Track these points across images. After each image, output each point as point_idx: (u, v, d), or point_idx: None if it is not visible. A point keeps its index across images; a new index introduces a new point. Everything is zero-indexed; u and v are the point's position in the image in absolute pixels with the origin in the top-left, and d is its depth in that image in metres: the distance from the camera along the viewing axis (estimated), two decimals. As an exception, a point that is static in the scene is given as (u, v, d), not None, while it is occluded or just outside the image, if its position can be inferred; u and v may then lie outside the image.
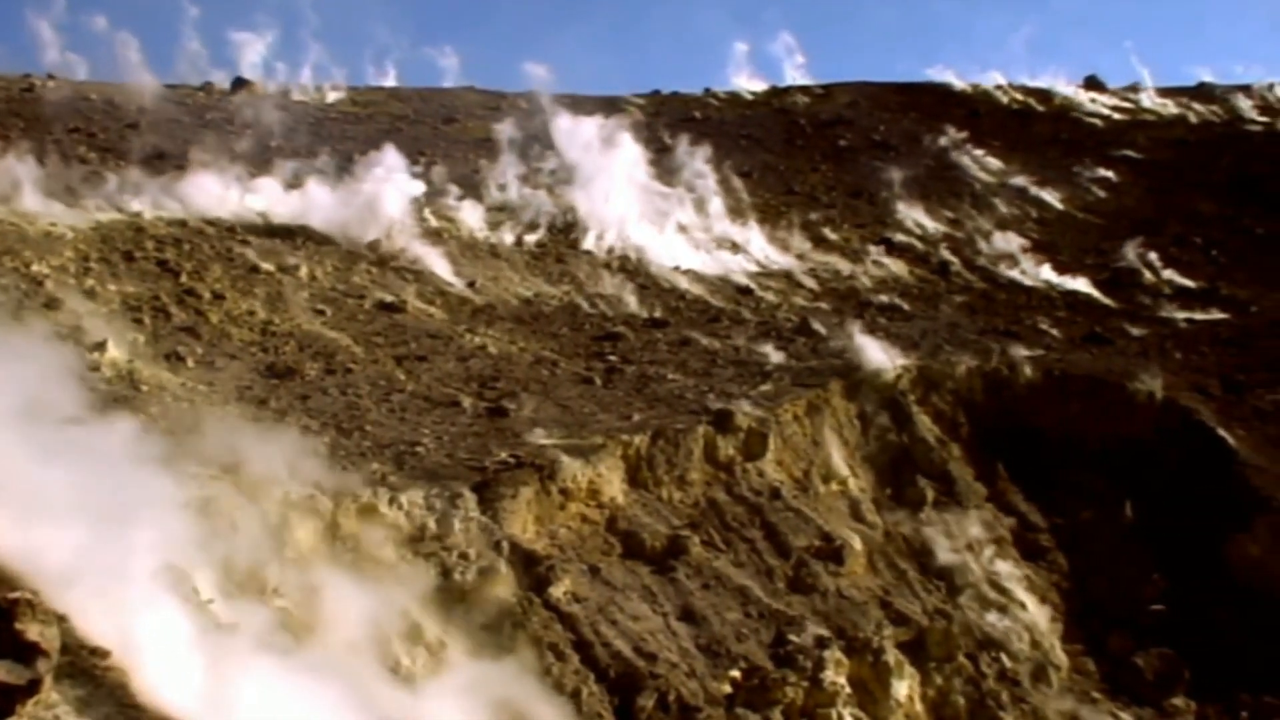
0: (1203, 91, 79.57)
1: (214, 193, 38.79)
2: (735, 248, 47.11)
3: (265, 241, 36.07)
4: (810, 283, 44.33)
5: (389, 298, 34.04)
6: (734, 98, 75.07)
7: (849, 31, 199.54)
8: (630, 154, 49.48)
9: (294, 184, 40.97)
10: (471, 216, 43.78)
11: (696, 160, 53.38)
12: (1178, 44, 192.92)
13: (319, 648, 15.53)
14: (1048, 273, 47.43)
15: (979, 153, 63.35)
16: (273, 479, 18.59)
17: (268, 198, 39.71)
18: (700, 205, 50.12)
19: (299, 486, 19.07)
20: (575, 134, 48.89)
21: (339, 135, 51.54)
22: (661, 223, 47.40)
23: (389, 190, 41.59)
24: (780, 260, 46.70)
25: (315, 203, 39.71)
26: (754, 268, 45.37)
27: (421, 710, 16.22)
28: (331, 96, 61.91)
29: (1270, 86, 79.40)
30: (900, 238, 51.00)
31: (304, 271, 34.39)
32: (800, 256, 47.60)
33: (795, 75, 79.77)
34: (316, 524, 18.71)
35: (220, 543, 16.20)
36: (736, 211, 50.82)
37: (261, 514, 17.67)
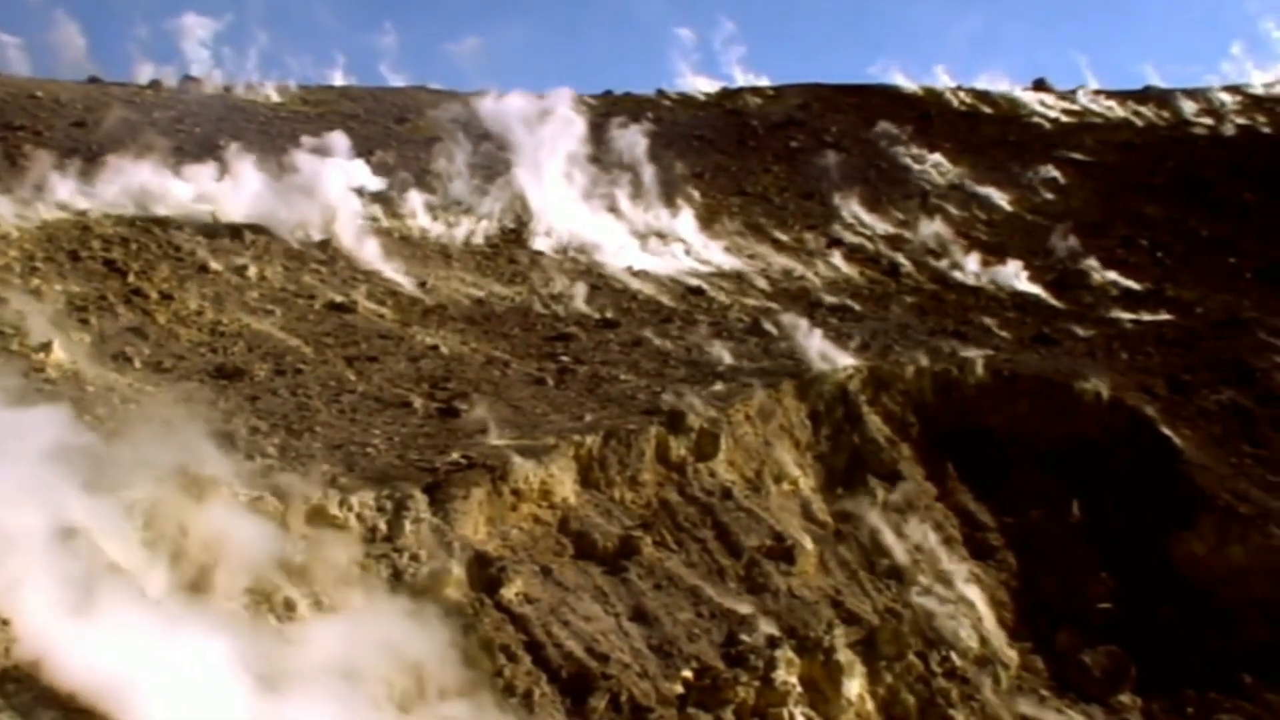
0: (1149, 94, 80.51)
1: (162, 192, 38.41)
2: (687, 248, 47.18)
3: (214, 241, 35.76)
4: (762, 283, 44.45)
5: (339, 298, 33.84)
6: (686, 98, 75.20)
7: (791, 24, 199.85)
8: (582, 156, 49.47)
9: (243, 184, 40.62)
10: (423, 216, 43.65)
11: (648, 161, 53.41)
12: (1117, 39, 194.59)
13: (267, 647, 15.37)
14: (996, 274, 47.79)
15: (929, 155, 63.79)
16: (221, 481, 18.43)
17: (217, 197, 39.34)
18: (652, 206, 50.16)
19: (247, 489, 18.93)
20: (526, 133, 48.81)
21: (289, 134, 51.17)
22: (613, 223, 47.44)
23: (338, 188, 41.38)
24: (732, 261, 46.82)
25: (265, 203, 39.39)
26: (706, 268, 45.45)
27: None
28: (282, 95, 61.43)
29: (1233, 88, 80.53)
30: (851, 239, 51.29)
31: (253, 271, 34.14)
32: (752, 257, 47.76)
33: (738, 71, 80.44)
34: (266, 526, 18.56)
35: (167, 545, 16.07)
36: (688, 212, 50.88)
37: (210, 517, 17.51)
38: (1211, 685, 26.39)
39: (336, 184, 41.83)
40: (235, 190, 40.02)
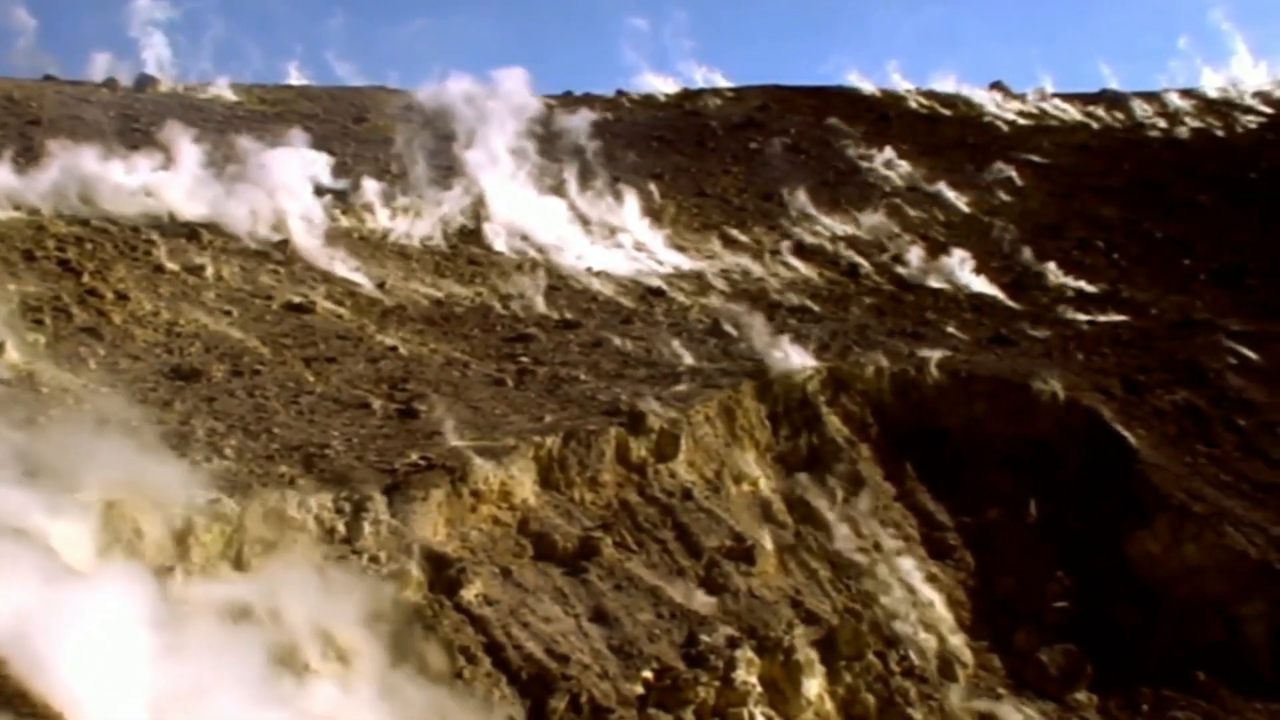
0: (1104, 97, 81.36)
1: (117, 191, 38.05)
2: (646, 249, 47.23)
3: (170, 241, 35.46)
4: (721, 284, 44.54)
5: (297, 298, 33.64)
6: (646, 99, 75.40)
7: (743, 19, 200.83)
8: (542, 156, 49.47)
9: (201, 184, 40.31)
10: (382, 216, 43.46)
11: (608, 161, 53.44)
12: (1070, 33, 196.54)
13: (228, 651, 15.28)
14: (954, 275, 48.11)
15: (888, 156, 64.12)
16: (178, 482, 18.30)
17: (173, 197, 39.02)
18: (612, 206, 50.18)
19: (204, 490, 18.80)
20: (485, 132, 48.73)
21: (247, 134, 50.83)
22: (573, 223, 47.43)
23: (297, 188, 41.16)
24: (691, 261, 46.91)
25: (222, 202, 39.11)
26: (665, 269, 45.52)
27: (332, 715, 16.07)
28: (239, 95, 61.06)
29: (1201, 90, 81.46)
30: (810, 240, 51.49)
31: (210, 271, 33.88)
32: (711, 258, 47.86)
33: (695, 68, 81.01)
34: (223, 528, 18.45)
35: (123, 549, 15.95)
36: (648, 213, 50.94)
37: (166, 518, 17.39)
38: (1166, 683, 26.64)
39: (295, 184, 41.58)
40: (192, 190, 39.72)
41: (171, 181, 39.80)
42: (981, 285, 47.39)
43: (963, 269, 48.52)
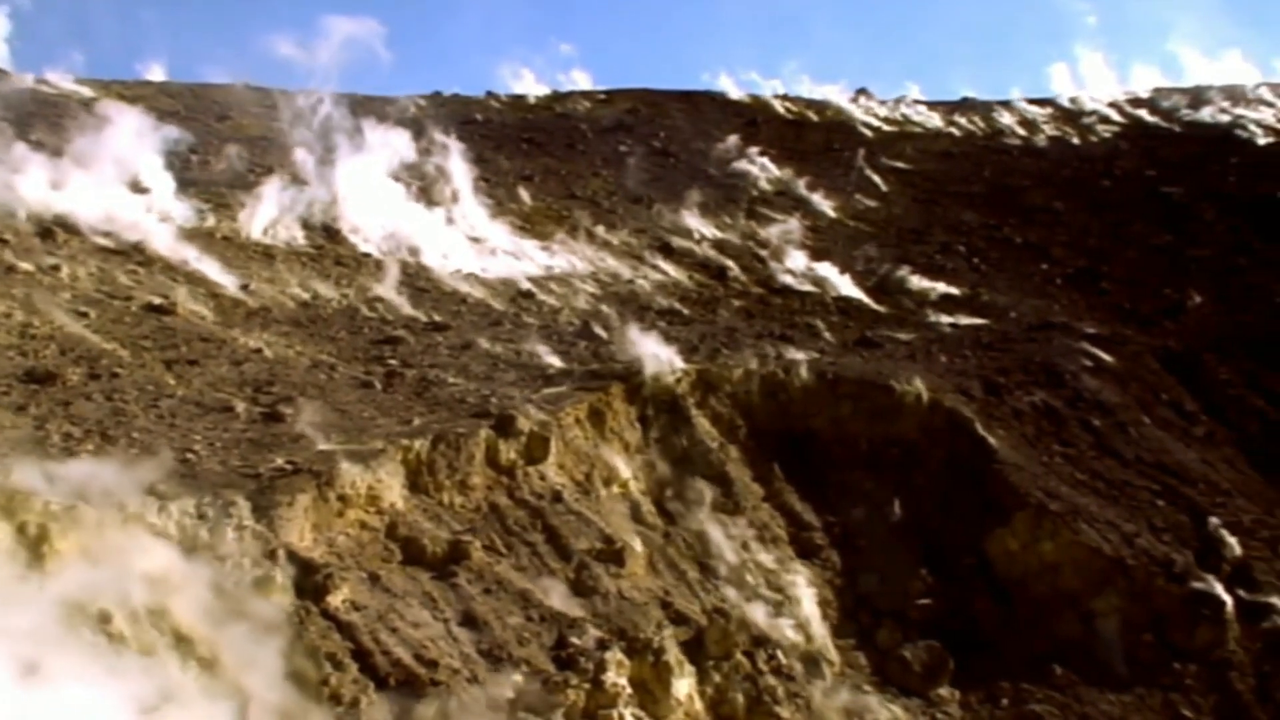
0: (966, 105, 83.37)
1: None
2: (516, 251, 47.08)
3: (23, 240, 34.34)
4: (591, 287, 44.58)
5: (157, 299, 32.77)
6: (515, 101, 75.27)
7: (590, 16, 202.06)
8: (410, 155, 49.05)
9: (55, 180, 39.09)
10: (245, 216, 42.60)
11: (478, 162, 53.18)
12: (921, 27, 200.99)
13: (83, 664, 14.85)
14: (821, 278, 48.83)
15: (756, 161, 64.87)
16: (31, 489, 17.73)
17: (26, 195, 37.78)
18: (481, 208, 49.95)
19: (60, 496, 18.24)
20: (354, 134, 48.21)
21: (105, 130, 49.51)
22: (442, 225, 47.08)
23: (156, 185, 40.26)
24: (561, 264, 46.86)
25: (77, 201, 37.96)
26: (535, 271, 45.41)
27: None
28: (96, 90, 59.43)
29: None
30: (679, 243, 51.81)
31: (65, 272, 32.86)
32: (582, 260, 47.86)
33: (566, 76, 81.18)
34: (80, 536, 17.92)
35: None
36: (518, 215, 50.81)
37: (18, 526, 16.84)
38: (1025, 677, 27.39)
39: (155, 182, 40.65)
40: (46, 188, 38.50)
41: (23, 179, 38.51)
42: (847, 289, 48.18)
43: (829, 273, 49.28)
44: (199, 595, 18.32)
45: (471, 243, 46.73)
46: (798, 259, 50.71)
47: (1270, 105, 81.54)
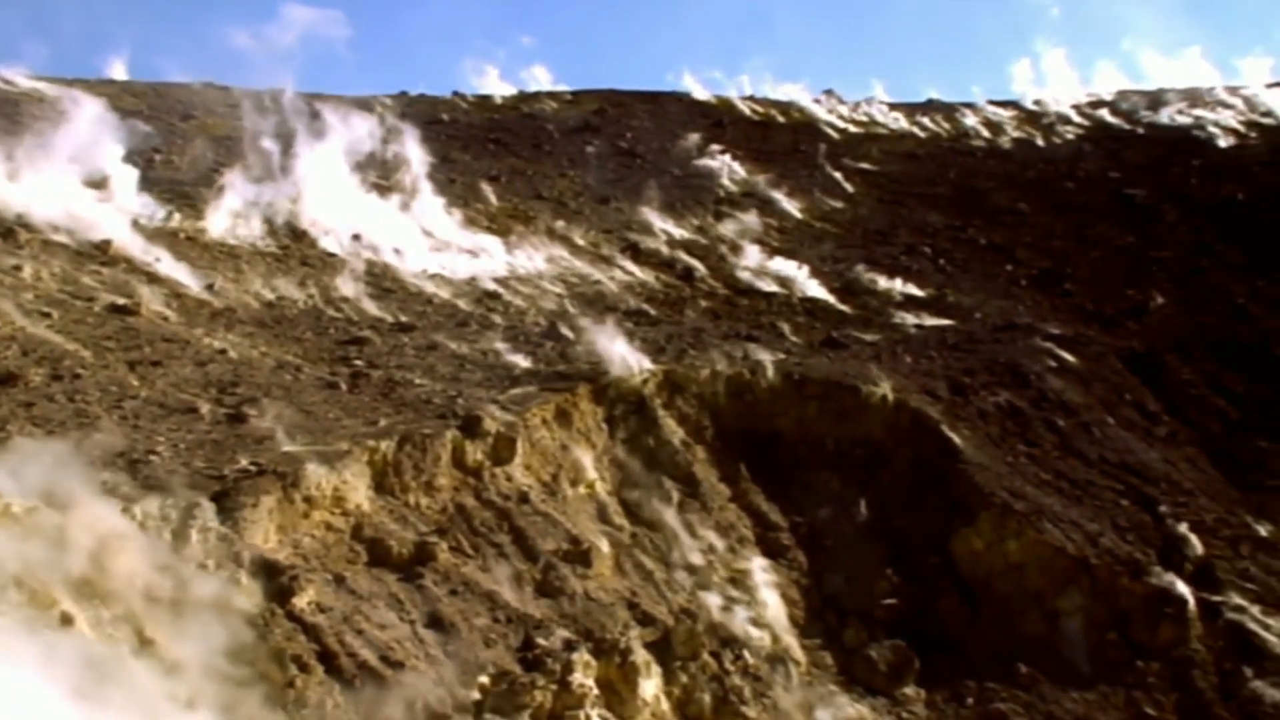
0: (932, 107, 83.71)
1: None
2: (482, 252, 46.97)
3: (-16, 240, 34.05)
4: (558, 288, 44.55)
5: (121, 300, 32.50)
6: (482, 101, 75.11)
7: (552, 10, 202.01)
8: (376, 156, 48.89)
9: (17, 180, 38.70)
10: (210, 216, 42.31)
11: (444, 163, 53.04)
12: (894, 33, 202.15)
13: (48, 664, 14.72)
14: (787, 279, 48.93)
15: (723, 162, 64.97)
16: (-8, 491, 17.56)
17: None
18: (447, 208, 49.81)
19: (21, 499, 18.07)
20: (319, 134, 48.00)
21: (67, 128, 49.09)
22: (408, 225, 46.93)
23: (120, 184, 39.94)
24: (528, 265, 46.80)
25: (39, 200, 37.59)
26: (502, 272, 45.32)
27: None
28: (57, 88, 58.84)
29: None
30: (646, 244, 51.82)
31: (28, 271, 32.55)
32: (548, 261, 47.80)
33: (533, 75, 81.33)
34: (41, 539, 17.75)
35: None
36: (484, 215, 50.70)
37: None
38: (990, 676, 27.53)
39: (119, 182, 40.33)
40: (7, 187, 38.11)
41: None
42: (814, 289, 48.30)
43: (795, 273, 49.40)
44: (162, 598, 18.20)
45: (437, 243, 46.59)
46: (764, 260, 50.79)
47: (1229, 107, 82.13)
